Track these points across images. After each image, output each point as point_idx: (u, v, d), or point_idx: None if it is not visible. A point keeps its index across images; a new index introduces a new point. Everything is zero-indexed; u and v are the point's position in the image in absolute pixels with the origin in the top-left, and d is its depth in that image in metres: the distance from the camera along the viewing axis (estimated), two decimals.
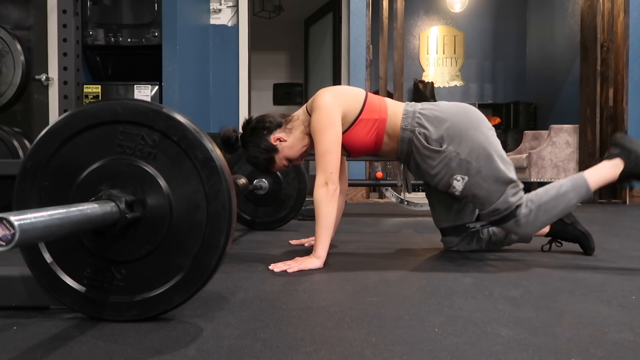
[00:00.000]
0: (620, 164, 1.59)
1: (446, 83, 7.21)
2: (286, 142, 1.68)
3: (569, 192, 1.59)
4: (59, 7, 1.57)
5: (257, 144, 1.67)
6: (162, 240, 0.93)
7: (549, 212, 1.60)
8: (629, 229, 2.60)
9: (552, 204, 1.59)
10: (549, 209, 1.59)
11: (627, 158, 1.58)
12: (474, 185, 1.60)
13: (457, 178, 1.60)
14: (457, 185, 1.61)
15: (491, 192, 1.59)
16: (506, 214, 1.59)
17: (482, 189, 1.60)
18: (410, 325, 0.95)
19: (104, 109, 0.94)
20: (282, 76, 7.96)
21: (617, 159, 1.60)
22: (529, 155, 4.71)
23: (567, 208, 1.61)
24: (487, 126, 1.65)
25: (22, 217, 0.66)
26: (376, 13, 5.02)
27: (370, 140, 1.67)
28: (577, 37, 4.99)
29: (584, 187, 1.60)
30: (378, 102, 1.68)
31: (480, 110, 1.73)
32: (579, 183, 1.60)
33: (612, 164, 1.60)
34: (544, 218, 1.60)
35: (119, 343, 0.85)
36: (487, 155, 1.59)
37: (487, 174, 1.59)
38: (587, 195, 1.61)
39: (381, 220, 3.08)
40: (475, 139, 1.60)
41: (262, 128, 1.67)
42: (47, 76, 3.45)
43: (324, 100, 1.60)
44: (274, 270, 1.46)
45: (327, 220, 1.54)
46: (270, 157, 1.68)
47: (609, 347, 0.84)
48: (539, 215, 1.59)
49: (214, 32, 4.60)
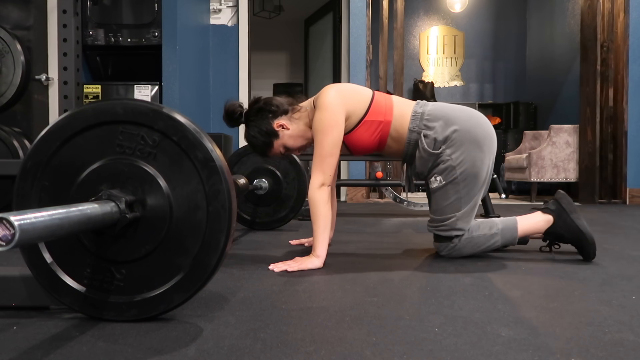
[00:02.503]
0: (551, 221, 1.68)
1: (446, 83, 7.21)
2: (289, 130, 1.67)
3: (496, 234, 1.69)
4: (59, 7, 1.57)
5: (259, 125, 1.66)
6: (162, 240, 0.93)
7: (473, 247, 1.69)
8: (629, 229, 2.60)
9: (480, 241, 1.68)
10: (475, 244, 1.68)
11: (558, 217, 1.67)
12: (443, 191, 1.65)
13: (437, 178, 1.66)
14: (432, 182, 1.68)
15: (450, 206, 1.65)
16: (445, 234, 1.67)
17: (448, 198, 1.65)
18: (410, 325, 0.95)
19: (104, 109, 0.94)
20: (282, 76, 7.95)
21: (550, 215, 1.69)
22: (529, 155, 4.71)
23: (489, 248, 1.70)
24: (489, 145, 1.67)
25: (22, 217, 0.66)
26: (376, 13, 5.02)
27: (374, 141, 1.68)
28: (577, 37, 4.99)
29: (511, 233, 1.69)
30: (384, 103, 1.67)
31: (480, 111, 1.73)
32: (510, 227, 1.69)
33: (545, 218, 1.70)
34: (467, 251, 1.69)
35: (119, 343, 0.85)
36: (471, 175, 1.64)
37: (459, 190, 1.64)
38: (512, 240, 1.71)
39: (381, 220, 3.08)
40: (472, 154, 1.63)
41: (268, 111, 1.66)
42: (47, 76, 3.45)
43: (329, 100, 1.60)
44: (274, 270, 1.46)
45: (325, 221, 1.55)
46: (269, 141, 1.67)
47: (609, 347, 0.84)
48: (465, 247, 1.68)
49: (214, 32, 4.60)
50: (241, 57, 4.61)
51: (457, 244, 1.66)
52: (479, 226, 1.68)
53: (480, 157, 1.63)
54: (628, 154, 4.51)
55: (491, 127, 1.70)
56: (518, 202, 4.77)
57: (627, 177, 4.52)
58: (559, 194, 1.72)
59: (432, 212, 1.70)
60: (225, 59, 4.60)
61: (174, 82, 3.52)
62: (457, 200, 1.64)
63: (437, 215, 1.68)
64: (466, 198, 1.64)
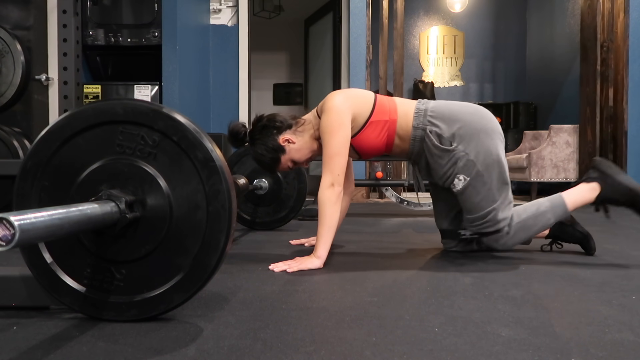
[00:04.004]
0: (597, 188, 1.66)
1: (446, 83, 7.21)
2: (294, 144, 1.68)
3: (547, 212, 1.65)
4: (59, 7, 1.57)
5: (265, 142, 1.67)
6: (162, 240, 0.93)
7: (527, 230, 1.66)
8: (629, 229, 2.60)
9: (531, 222, 1.65)
10: (527, 226, 1.65)
11: (604, 182, 1.64)
12: (471, 188, 1.62)
13: (460, 177, 1.62)
14: (457, 184, 1.63)
15: (485, 199, 1.62)
16: (492, 229, 1.63)
17: (478, 193, 1.62)
18: (410, 325, 0.95)
19: (104, 109, 0.94)
20: (282, 76, 7.95)
21: (594, 182, 1.66)
22: (529, 155, 4.71)
23: (544, 227, 1.67)
24: (499, 135, 1.66)
25: (22, 217, 0.66)
26: (376, 13, 5.02)
27: (382, 142, 1.68)
28: (577, 37, 4.99)
29: (561, 208, 1.66)
30: (388, 104, 1.68)
31: None
32: (558, 203, 1.66)
33: (589, 187, 1.67)
34: (522, 235, 1.66)
35: (119, 343, 0.85)
36: (492, 162, 1.61)
37: (487, 181, 1.61)
38: (564, 215, 1.67)
39: (381, 220, 3.08)
40: (486, 143, 1.61)
41: (273, 127, 1.67)
42: (47, 76, 3.45)
43: (335, 102, 1.61)
44: (274, 270, 1.46)
45: (331, 222, 1.54)
46: (276, 157, 1.68)
47: (609, 347, 0.84)
48: (518, 233, 1.65)
49: (214, 32, 4.60)
50: (241, 57, 4.61)
51: (509, 231, 1.63)
52: (525, 209, 1.66)
53: (493, 144, 1.62)
54: (628, 154, 4.51)
55: (494, 119, 1.69)
56: (518, 202, 4.76)
57: None
58: (596, 160, 1.69)
59: (467, 212, 1.66)
60: (225, 59, 4.60)
61: (174, 82, 3.52)
62: (489, 192, 1.61)
63: (473, 213, 1.64)
64: (497, 186, 1.61)
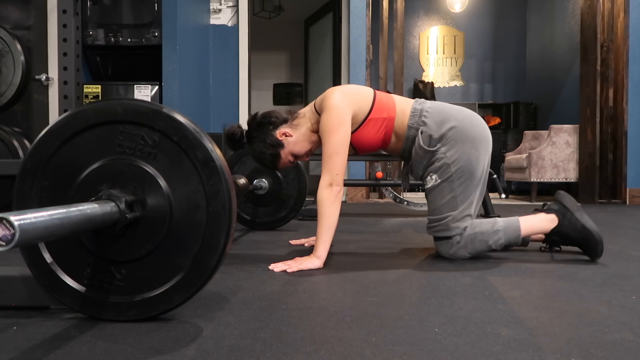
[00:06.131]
0: (555, 221, 1.66)
1: (446, 83, 7.21)
2: (292, 137, 1.68)
3: (500, 231, 1.65)
4: (59, 7, 1.57)
5: (262, 139, 1.67)
6: (162, 240, 0.93)
7: (476, 244, 1.65)
8: (629, 228, 2.60)
9: (483, 237, 1.65)
10: (477, 240, 1.65)
11: (562, 217, 1.65)
12: (438, 190, 1.64)
13: (433, 177, 1.65)
14: (428, 182, 1.67)
15: (446, 205, 1.63)
16: (443, 235, 1.64)
17: (443, 197, 1.64)
18: (410, 325, 0.95)
19: (104, 109, 0.94)
20: (282, 76, 7.95)
21: (553, 214, 1.67)
22: (529, 155, 4.71)
23: (493, 245, 1.66)
24: (485, 145, 1.66)
25: (22, 217, 0.66)
26: (376, 13, 5.02)
27: (379, 138, 1.69)
28: (577, 37, 4.99)
29: (514, 231, 1.66)
30: (386, 101, 1.69)
31: (480, 111, 1.73)
32: (512, 226, 1.66)
33: (548, 218, 1.68)
34: (471, 248, 1.65)
35: (119, 343, 0.85)
36: (467, 173, 1.63)
37: (454, 188, 1.63)
38: (515, 239, 1.67)
39: (381, 220, 3.08)
40: (468, 152, 1.62)
41: (268, 123, 1.68)
42: (47, 76, 3.45)
43: (334, 100, 1.61)
44: (273, 270, 1.46)
45: (330, 221, 1.54)
46: (275, 152, 1.68)
47: (609, 347, 0.84)
48: (467, 245, 1.65)
49: (214, 32, 4.60)
50: (241, 57, 4.61)
51: (459, 240, 1.63)
52: (480, 223, 1.66)
53: (475, 155, 1.63)
54: (628, 154, 4.51)
55: (487, 128, 1.70)
56: (518, 202, 4.77)
57: (627, 177, 4.52)
58: (560, 194, 1.70)
59: (430, 213, 1.69)
60: (225, 59, 4.60)
61: (174, 82, 3.52)
62: (452, 199, 1.63)
63: (434, 215, 1.67)
64: (462, 197, 1.63)
